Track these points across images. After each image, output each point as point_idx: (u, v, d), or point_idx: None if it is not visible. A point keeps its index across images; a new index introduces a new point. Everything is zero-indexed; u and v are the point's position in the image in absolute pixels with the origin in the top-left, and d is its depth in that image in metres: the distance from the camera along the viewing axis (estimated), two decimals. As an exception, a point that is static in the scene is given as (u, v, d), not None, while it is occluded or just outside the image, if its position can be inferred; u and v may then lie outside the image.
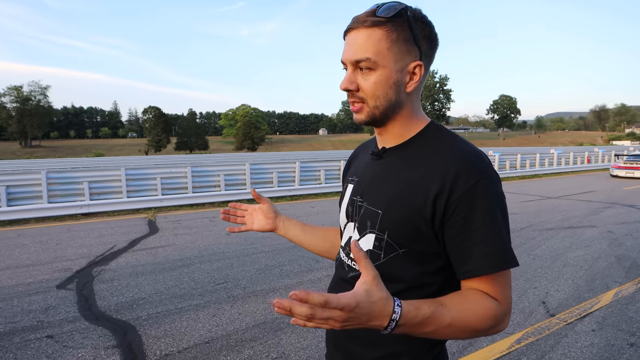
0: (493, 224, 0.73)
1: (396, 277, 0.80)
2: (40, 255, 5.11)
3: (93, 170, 9.52)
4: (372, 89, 0.78)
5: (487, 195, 0.73)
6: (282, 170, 11.27)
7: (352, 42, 0.78)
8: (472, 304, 0.73)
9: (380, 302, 0.63)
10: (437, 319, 0.68)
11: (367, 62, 0.76)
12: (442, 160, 0.76)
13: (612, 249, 5.24)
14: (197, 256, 5.03)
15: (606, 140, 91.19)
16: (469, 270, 0.74)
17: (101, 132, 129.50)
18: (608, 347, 2.79)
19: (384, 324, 0.64)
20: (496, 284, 0.74)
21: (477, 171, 0.74)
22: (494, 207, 0.74)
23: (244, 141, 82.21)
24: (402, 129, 0.84)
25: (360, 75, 0.79)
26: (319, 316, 0.59)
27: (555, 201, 9.44)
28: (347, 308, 0.60)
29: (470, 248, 0.74)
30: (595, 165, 20.72)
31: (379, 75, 0.77)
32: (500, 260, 0.73)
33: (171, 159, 25.24)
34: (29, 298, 3.70)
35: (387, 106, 0.80)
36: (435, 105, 77.50)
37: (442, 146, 0.79)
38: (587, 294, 3.74)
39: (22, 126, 73.97)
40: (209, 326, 3.13)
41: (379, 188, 0.84)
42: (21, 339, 2.93)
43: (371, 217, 0.82)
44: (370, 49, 0.75)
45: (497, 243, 0.73)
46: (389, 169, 0.84)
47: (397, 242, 0.78)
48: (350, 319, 0.62)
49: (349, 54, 0.78)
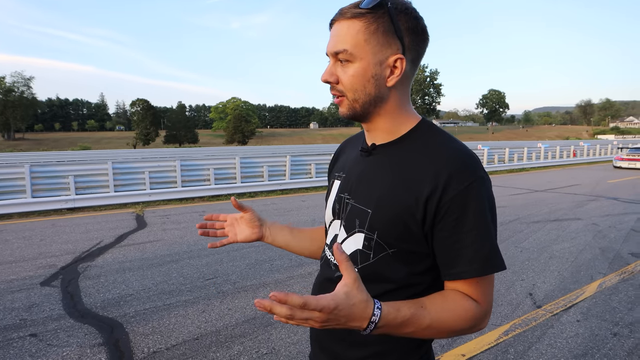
0: (483, 227, 0.73)
1: (385, 277, 0.79)
2: (23, 252, 5.00)
3: (79, 163, 9.33)
4: (350, 82, 0.77)
5: (479, 198, 0.73)
6: (272, 164, 11.20)
7: (334, 33, 0.77)
8: (451, 305, 0.73)
9: (360, 304, 0.64)
10: (416, 320, 0.69)
11: (345, 54, 0.75)
12: (435, 160, 0.75)
13: (596, 241, 5.34)
14: (186, 251, 4.98)
15: (591, 135, 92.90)
16: (457, 273, 0.74)
17: (87, 124, 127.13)
18: (592, 337, 2.84)
19: (363, 326, 0.65)
20: (479, 286, 0.75)
21: (470, 173, 0.73)
22: (485, 210, 0.74)
23: (234, 135, 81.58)
24: (390, 124, 0.82)
25: (340, 67, 0.77)
26: (298, 317, 0.61)
27: (542, 194, 9.58)
28: (325, 309, 0.61)
29: (460, 250, 0.73)
30: (580, 159, 21.08)
31: (356, 68, 0.76)
32: (489, 264, 0.73)
33: (160, 153, 24.90)
34: (11, 295, 3.62)
35: (367, 100, 0.78)
36: (426, 99, 77.82)
37: (434, 146, 0.78)
38: (572, 286, 3.81)
39: (4, 118, 72.14)
40: (198, 322, 3.11)
41: (368, 186, 0.82)
42: (3, 337, 2.87)
43: (360, 215, 0.80)
44: (349, 40, 0.74)
45: (486, 247, 0.73)
46: (379, 167, 0.82)
47: (386, 242, 0.77)
48: (329, 320, 0.63)
49: (330, 46, 0.78)
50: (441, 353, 2.67)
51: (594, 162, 21.22)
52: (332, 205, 0.90)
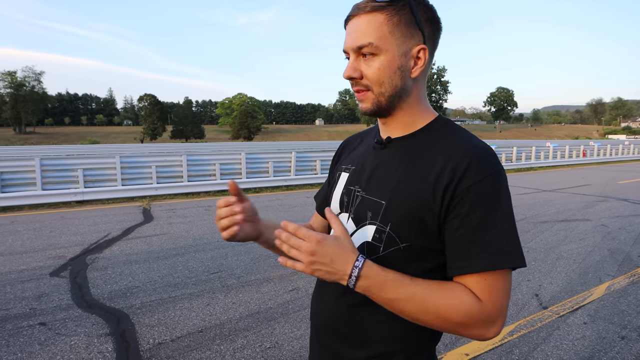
0: (497, 220, 0.71)
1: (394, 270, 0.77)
2: (33, 243, 5.08)
3: (88, 157, 9.43)
4: (377, 75, 0.75)
5: (495, 191, 0.72)
6: (278, 160, 11.22)
7: (354, 29, 0.76)
8: (446, 291, 0.70)
9: (346, 249, 0.71)
10: (399, 285, 0.70)
11: (370, 47, 0.74)
12: (454, 153, 0.74)
13: (605, 242, 5.28)
14: (191, 245, 5.01)
15: (602, 134, 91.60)
16: (463, 266, 0.71)
17: (96, 119, 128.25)
18: (599, 340, 2.81)
19: (347, 271, 0.69)
20: (486, 285, 0.70)
21: (487, 166, 0.72)
22: (500, 204, 0.72)
23: (240, 130, 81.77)
24: (409, 118, 0.81)
25: (363, 62, 0.76)
26: (292, 242, 0.71)
27: (550, 194, 9.48)
28: (311, 239, 0.69)
29: (468, 242, 0.71)
30: (590, 159, 20.80)
31: (382, 61, 0.75)
32: (499, 258, 0.70)
33: (166, 147, 25.03)
34: (22, 285, 3.67)
35: (393, 93, 0.77)
36: (433, 96, 77.31)
37: (452, 140, 0.77)
38: (579, 287, 3.77)
39: (16, 112, 73.06)
40: (202, 315, 3.13)
41: (382, 178, 0.80)
42: (14, 326, 2.92)
43: (372, 207, 0.79)
44: (372, 33, 0.74)
45: (498, 240, 0.70)
46: (395, 160, 0.81)
47: (399, 235, 0.75)
48: (315, 253, 0.69)
49: (350, 41, 0.76)
50: (444, 352, 2.67)
51: (604, 162, 20.93)
52: (339, 198, 0.88)
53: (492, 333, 0.71)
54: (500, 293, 0.71)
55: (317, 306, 0.91)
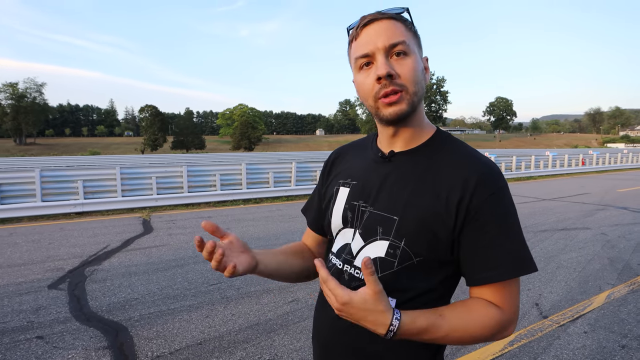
0: (510, 231, 0.75)
1: (405, 285, 0.78)
2: (32, 255, 5.07)
3: (88, 168, 9.46)
4: (412, 74, 0.76)
5: (505, 203, 0.76)
6: (278, 170, 11.25)
7: (379, 30, 0.76)
8: (474, 314, 0.75)
9: (375, 313, 0.70)
10: (434, 330, 0.73)
11: (403, 45, 0.75)
12: (463, 168, 0.77)
13: (605, 251, 5.27)
14: (191, 256, 5.00)
15: (600, 143, 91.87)
16: (485, 277, 0.75)
17: (97, 130, 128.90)
18: (600, 349, 2.80)
19: (382, 332, 0.71)
20: (505, 292, 0.76)
21: (495, 180, 0.77)
22: (511, 215, 0.77)
23: (240, 141, 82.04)
24: (413, 132, 0.83)
25: (394, 62, 0.76)
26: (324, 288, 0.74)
27: (550, 203, 9.49)
28: (339, 298, 0.71)
29: (487, 254, 0.75)
30: (589, 167, 20.83)
31: (413, 61, 0.77)
32: (517, 266, 0.74)
33: (167, 158, 25.11)
34: (19, 298, 3.66)
35: (422, 94, 0.79)
36: (432, 106, 77.71)
37: (460, 155, 0.80)
38: (580, 296, 3.76)
39: (17, 123, 73.42)
40: (201, 327, 3.12)
41: (392, 193, 0.80)
42: (11, 339, 2.90)
43: (383, 223, 0.79)
44: (403, 34, 0.77)
45: (514, 250, 0.75)
46: (403, 174, 0.81)
47: (413, 250, 0.76)
48: (343, 311, 0.72)
49: (379, 41, 0.75)
50: (445, 362, 2.65)
51: (603, 170, 20.96)
52: (342, 213, 0.87)
53: (511, 331, 0.78)
54: (515, 296, 0.78)
55: (322, 322, 0.91)
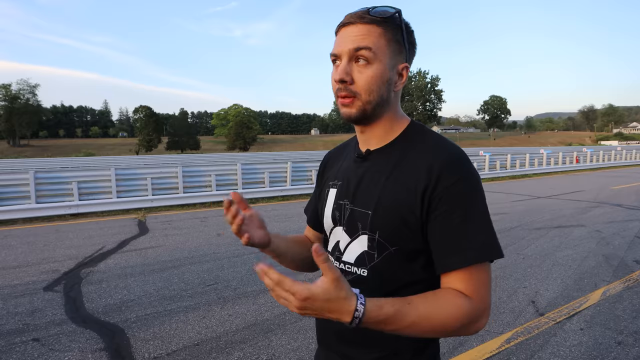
0: (475, 217, 0.75)
1: (391, 275, 0.81)
2: (27, 257, 5.02)
3: (82, 170, 9.40)
4: (368, 83, 0.78)
5: (470, 190, 0.76)
6: (273, 170, 11.23)
7: (351, 34, 0.78)
8: (442, 302, 0.73)
9: (338, 301, 0.65)
10: (400, 317, 0.70)
11: (368, 51, 0.76)
12: (428, 157, 0.79)
13: (600, 248, 5.31)
14: (187, 257, 4.98)
15: (594, 141, 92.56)
16: (450, 263, 0.74)
17: (91, 131, 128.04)
18: (596, 346, 2.82)
19: (347, 320, 0.67)
20: (473, 280, 0.74)
21: (460, 167, 0.77)
22: (476, 201, 0.76)
23: (235, 141, 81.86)
24: (385, 129, 0.86)
25: (355, 68, 0.78)
26: (277, 293, 0.65)
27: (545, 201, 9.55)
28: (298, 295, 0.64)
29: (452, 240, 0.75)
30: (583, 165, 21.00)
31: (375, 70, 0.77)
32: (481, 252, 0.74)
33: (162, 159, 24.99)
34: (15, 300, 3.63)
35: (379, 102, 0.81)
36: (427, 105, 77.94)
37: (427, 145, 0.82)
38: (575, 293, 3.78)
39: (10, 125, 72.82)
40: (198, 328, 3.10)
41: (366, 189, 0.84)
42: (6, 342, 2.88)
43: (361, 218, 0.83)
44: (373, 41, 0.77)
45: (479, 236, 0.75)
46: (376, 170, 0.85)
47: (387, 240, 0.79)
48: (306, 308, 0.65)
49: (346, 44, 0.77)
50: (443, 360, 2.66)
51: (597, 168, 21.13)
52: (331, 213, 0.92)
53: (483, 324, 0.76)
54: (485, 286, 0.76)
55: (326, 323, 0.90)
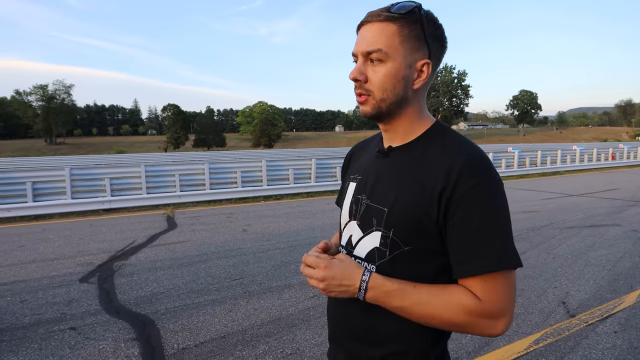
0: (492, 224, 0.74)
1: (400, 275, 0.81)
2: (64, 250, 5.29)
3: (114, 166, 9.78)
4: (381, 81, 0.79)
5: (489, 196, 0.75)
6: (298, 167, 11.30)
7: (365, 34, 0.80)
8: (447, 294, 0.75)
9: (351, 265, 0.81)
10: (404, 293, 0.76)
11: (379, 53, 0.78)
12: (448, 160, 0.78)
13: (636, 248, 5.07)
14: (214, 252, 5.10)
15: (632, 136, 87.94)
16: (465, 270, 0.75)
17: (122, 129, 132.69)
18: (631, 350, 2.71)
19: (357, 284, 0.78)
20: (487, 285, 0.74)
21: (480, 171, 0.76)
22: (495, 208, 0.75)
23: (260, 138, 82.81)
24: (408, 127, 0.85)
25: (370, 67, 0.80)
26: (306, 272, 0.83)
27: (577, 199, 9.18)
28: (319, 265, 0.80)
29: (468, 247, 0.74)
30: (620, 162, 20.01)
31: (388, 68, 0.78)
32: (496, 261, 0.73)
33: (189, 156, 25.62)
34: (53, 291, 3.83)
35: (394, 100, 0.81)
36: (453, 101, 76.23)
37: (448, 147, 0.81)
38: (609, 295, 3.63)
39: (47, 124, 76.45)
40: (225, 321, 3.19)
41: (384, 186, 0.84)
42: (46, 330, 3.05)
43: (376, 215, 0.83)
44: (384, 41, 0.77)
45: (495, 244, 0.74)
46: (396, 168, 0.85)
47: (401, 239, 0.80)
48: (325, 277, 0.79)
49: (361, 46, 0.80)
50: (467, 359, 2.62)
51: (635, 165, 20.09)
52: (348, 207, 0.92)
53: (499, 329, 0.74)
54: (500, 291, 0.74)
55: (333, 311, 0.95)
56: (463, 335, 2.88)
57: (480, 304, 0.74)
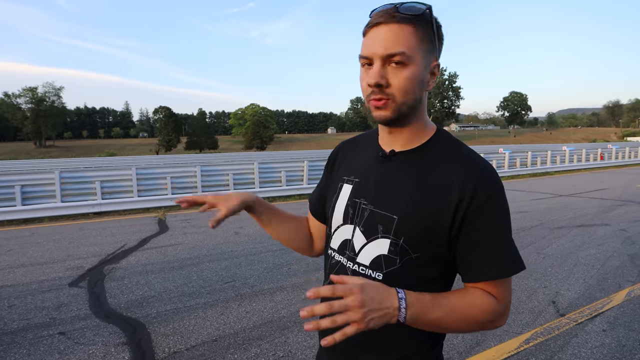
0: (505, 233, 0.79)
1: (407, 281, 0.80)
2: (53, 254, 5.22)
3: (105, 169, 9.67)
4: (404, 85, 0.76)
5: (501, 206, 0.79)
6: (290, 169, 11.29)
7: (382, 36, 0.75)
8: (470, 298, 0.79)
9: (381, 285, 0.71)
10: (439, 305, 0.74)
11: (402, 56, 0.74)
12: (461, 171, 0.79)
13: (625, 247, 5.15)
14: (205, 255, 5.08)
15: (620, 137, 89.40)
16: (481, 275, 0.79)
17: (113, 132, 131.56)
18: (620, 348, 2.74)
19: (395, 304, 0.69)
20: (500, 286, 0.80)
21: (494, 184, 0.79)
22: (506, 217, 0.80)
23: (253, 140, 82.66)
24: (416, 130, 0.85)
25: (390, 70, 0.76)
26: (336, 307, 0.65)
27: (567, 199, 9.30)
28: (354, 290, 0.66)
29: (485, 254, 0.78)
30: (608, 162, 20.33)
31: (411, 72, 0.76)
32: (511, 266, 0.79)
33: (181, 159, 25.47)
34: (42, 295, 3.78)
35: (413, 104, 0.79)
36: (445, 103, 76.84)
37: (457, 157, 0.82)
38: (598, 294, 3.68)
39: (36, 126, 75.59)
40: (216, 324, 3.17)
41: (391, 192, 0.82)
42: (34, 335, 3.00)
43: (384, 222, 0.81)
44: (405, 43, 0.75)
45: (509, 251, 0.79)
46: (403, 174, 0.83)
47: (411, 247, 0.80)
48: (365, 304, 0.66)
49: (379, 48, 0.75)
50: (459, 360, 2.64)
51: (623, 165, 20.42)
52: (343, 210, 0.89)
53: (504, 321, 0.82)
54: (509, 290, 0.82)
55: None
56: (454, 336, 2.90)
57: (498, 303, 0.79)
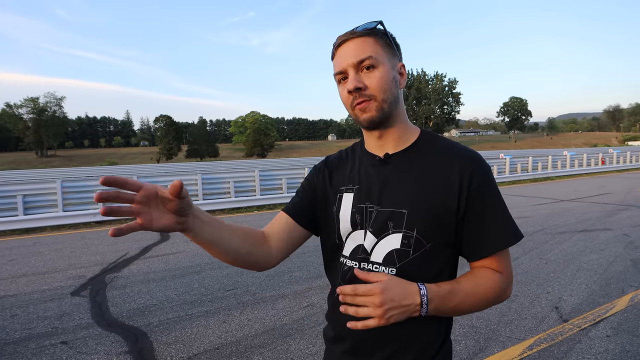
0: (502, 206, 0.87)
1: (421, 271, 0.85)
2: (55, 263, 5.22)
3: (106, 178, 9.68)
4: (379, 84, 0.85)
5: (495, 184, 0.89)
6: (291, 176, 11.32)
7: (349, 49, 0.86)
8: (480, 278, 0.86)
9: (403, 281, 0.79)
10: (456, 292, 0.81)
11: (371, 60, 0.84)
12: (454, 158, 0.87)
13: (628, 252, 5.13)
14: (207, 263, 5.07)
15: (621, 141, 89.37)
16: (488, 249, 0.85)
17: (114, 141, 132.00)
18: (624, 354, 2.73)
19: (417, 301, 0.77)
20: (502, 259, 0.87)
21: (484, 164, 0.88)
22: (499, 192, 0.88)
23: (253, 148, 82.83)
24: (402, 131, 0.93)
25: (364, 75, 0.85)
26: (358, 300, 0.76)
27: (568, 204, 9.28)
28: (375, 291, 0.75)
29: (488, 229, 0.85)
30: (609, 166, 20.30)
31: (381, 72, 0.85)
32: (513, 235, 0.86)
33: (182, 167, 25.53)
34: (44, 305, 3.78)
35: (392, 100, 0.87)
36: (445, 108, 76.98)
37: (447, 148, 0.91)
38: (601, 299, 3.67)
39: (38, 136, 75.91)
40: (218, 332, 3.16)
41: (395, 190, 0.88)
42: (37, 345, 3.00)
43: (393, 218, 0.86)
44: (370, 49, 0.85)
45: (509, 222, 0.87)
46: (404, 171, 0.89)
47: (425, 237, 0.85)
48: (386, 301, 0.75)
49: (350, 58, 0.85)
50: (463, 366, 2.62)
51: (624, 169, 20.39)
52: (350, 217, 0.90)
53: (510, 292, 0.89)
54: (510, 261, 0.90)
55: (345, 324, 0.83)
56: (457, 342, 2.89)
57: (502, 276, 0.87)
